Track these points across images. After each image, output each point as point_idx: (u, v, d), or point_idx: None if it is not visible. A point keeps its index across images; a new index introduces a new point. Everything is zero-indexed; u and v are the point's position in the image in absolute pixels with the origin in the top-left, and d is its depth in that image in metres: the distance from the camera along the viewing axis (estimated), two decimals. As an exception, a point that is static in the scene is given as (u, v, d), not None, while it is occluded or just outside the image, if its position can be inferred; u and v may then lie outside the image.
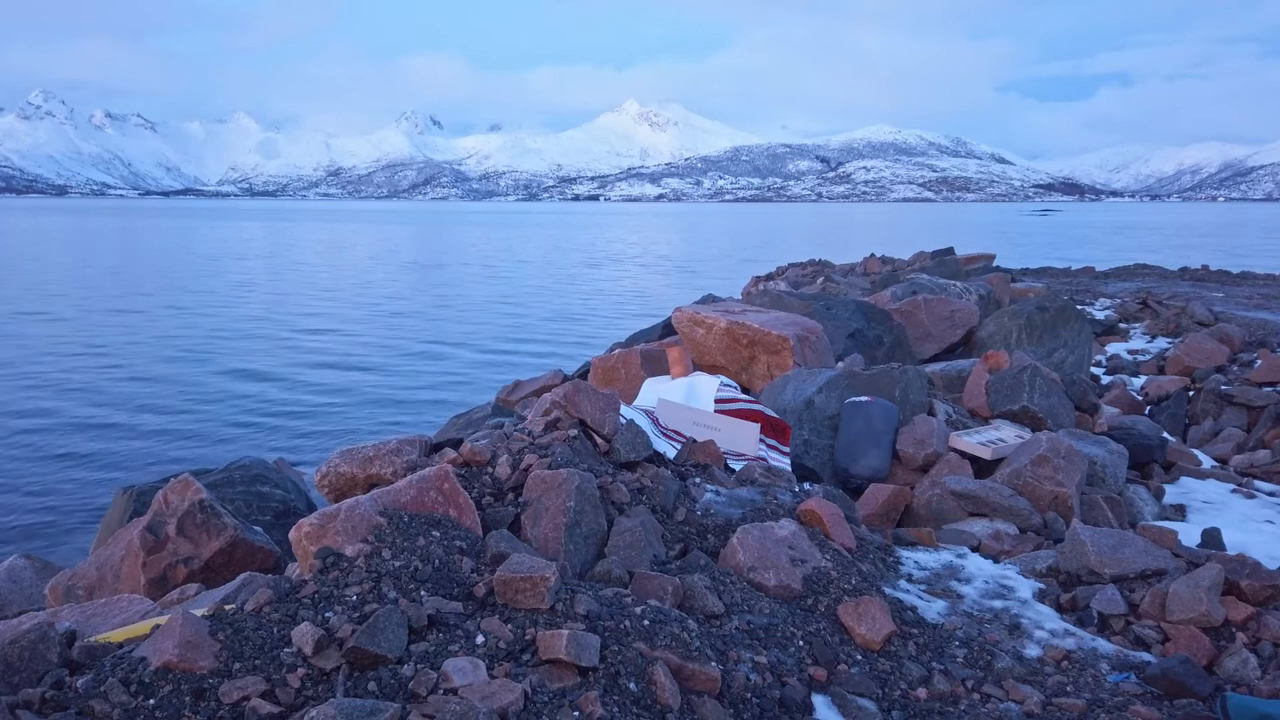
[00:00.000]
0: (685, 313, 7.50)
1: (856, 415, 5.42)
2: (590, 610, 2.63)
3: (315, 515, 2.93)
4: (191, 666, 2.31)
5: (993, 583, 3.78)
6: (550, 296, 32.94)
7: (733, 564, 3.38)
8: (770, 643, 2.95)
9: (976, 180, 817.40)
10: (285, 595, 2.60)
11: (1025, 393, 5.97)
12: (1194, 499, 5.59)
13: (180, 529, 4.28)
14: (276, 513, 5.66)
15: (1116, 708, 2.84)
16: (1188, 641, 3.21)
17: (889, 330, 8.71)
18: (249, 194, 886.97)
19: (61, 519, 9.99)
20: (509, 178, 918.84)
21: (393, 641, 2.38)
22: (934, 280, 12.01)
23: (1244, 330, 11.32)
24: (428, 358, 20.21)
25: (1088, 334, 9.10)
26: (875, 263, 21.26)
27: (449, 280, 39.90)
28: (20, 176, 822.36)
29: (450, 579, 2.77)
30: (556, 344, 22.13)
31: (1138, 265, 25.62)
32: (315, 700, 2.25)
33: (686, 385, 5.47)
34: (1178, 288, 18.72)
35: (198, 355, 19.88)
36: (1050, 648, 3.26)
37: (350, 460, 3.95)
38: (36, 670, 2.42)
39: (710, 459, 4.40)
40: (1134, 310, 14.65)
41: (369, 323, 25.69)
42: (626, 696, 2.41)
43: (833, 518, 3.76)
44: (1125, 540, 3.79)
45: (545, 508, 3.31)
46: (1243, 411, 7.90)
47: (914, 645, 3.20)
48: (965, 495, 4.66)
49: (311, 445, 12.81)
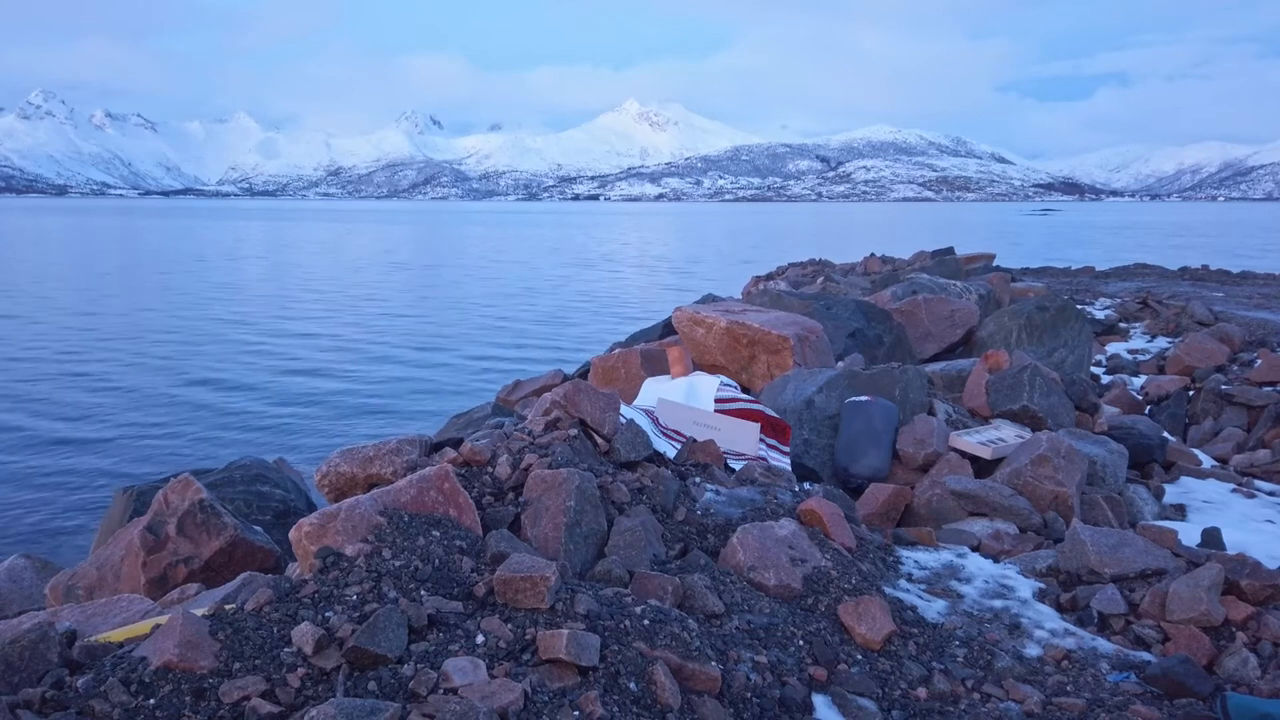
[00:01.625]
0: (685, 312, 7.50)
1: (856, 415, 5.42)
2: (590, 610, 2.63)
3: (315, 515, 2.93)
4: (192, 666, 2.31)
5: (993, 582, 3.78)
6: (550, 296, 32.95)
7: (733, 564, 3.38)
8: (770, 642, 2.95)
9: (976, 180, 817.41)
10: (285, 595, 2.60)
11: (1025, 392, 5.97)
12: (1194, 499, 5.59)
13: (180, 529, 4.28)
14: (276, 512, 5.66)
15: (1116, 707, 2.84)
16: (1188, 641, 3.21)
17: (889, 330, 8.71)
18: (249, 194, 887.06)
19: (61, 519, 9.99)
20: (509, 177, 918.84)
21: (393, 641, 2.38)
22: (934, 280, 12.01)
23: (1244, 330, 11.32)
24: (428, 357, 20.22)
25: (1088, 334, 9.10)
26: (875, 262, 21.26)
27: (449, 280, 39.90)
28: (20, 176, 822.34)
29: (450, 579, 2.77)
30: (556, 344, 22.13)
31: (1138, 265, 25.63)
32: (315, 700, 2.25)
33: (686, 385, 5.47)
34: (1178, 287, 18.72)
35: (198, 355, 19.89)
36: (1050, 647, 3.26)
37: (350, 460, 3.95)
38: (37, 670, 2.42)
39: (710, 459, 4.40)
40: (1134, 310, 14.65)
41: (369, 323, 25.69)
42: (626, 696, 2.41)
43: (833, 517, 3.76)
44: (1125, 540, 3.79)
45: (545, 507, 3.31)
46: (1243, 411, 7.90)
47: (914, 645, 3.20)
48: (965, 495, 4.66)
49: (311, 445, 12.82)
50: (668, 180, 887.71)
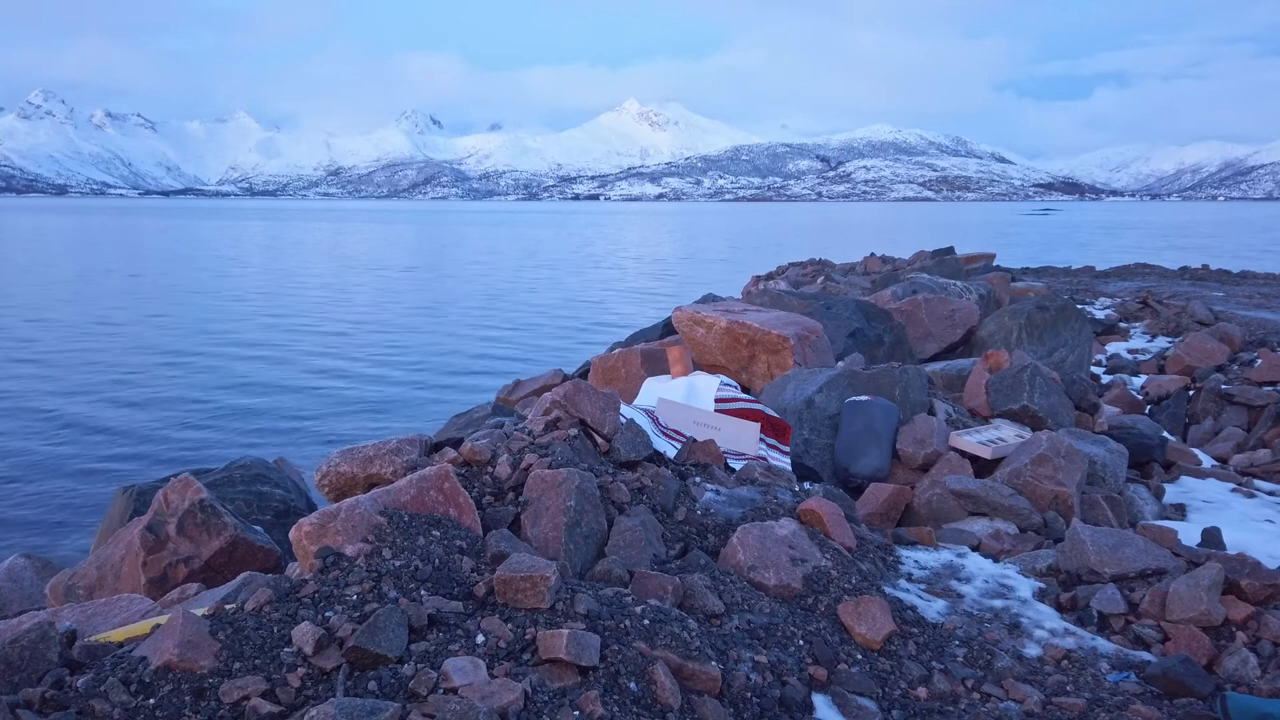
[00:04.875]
0: (685, 312, 7.50)
1: (857, 415, 5.42)
2: (590, 610, 2.63)
3: (315, 515, 2.93)
4: (192, 666, 2.31)
5: (993, 582, 3.78)
6: (550, 296, 32.94)
7: (733, 563, 3.38)
8: (770, 642, 2.95)
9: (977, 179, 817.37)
10: (285, 595, 2.60)
11: (1025, 392, 5.97)
12: (1194, 498, 5.60)
13: (180, 528, 4.28)
14: (277, 512, 5.66)
15: (1116, 707, 2.84)
16: (1188, 641, 3.21)
17: (889, 330, 8.71)
18: (249, 193, 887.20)
19: (61, 519, 10.00)
20: (509, 177, 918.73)
21: (393, 641, 2.38)
22: (934, 280, 12.00)
23: (1244, 329, 11.32)
24: (428, 357, 20.22)
25: (1088, 333, 9.10)
26: (875, 262, 21.27)
27: (449, 280, 39.90)
28: (20, 176, 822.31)
29: (450, 578, 2.77)
30: (556, 344, 22.13)
31: (1138, 265, 25.63)
32: (315, 700, 2.25)
33: (686, 385, 5.47)
34: (1178, 287, 18.72)
35: (198, 355, 19.88)
36: (1050, 647, 3.26)
37: (350, 460, 3.95)
38: (37, 670, 2.42)
39: (710, 458, 4.40)
40: (1134, 309, 14.65)
41: (369, 323, 25.69)
42: (627, 696, 2.41)
43: (833, 517, 3.76)
44: (1125, 539, 3.79)
45: (545, 507, 3.31)
46: (1243, 411, 7.90)
47: (914, 644, 3.20)
48: (965, 495, 4.66)
49: (311, 445, 12.81)
50: (668, 180, 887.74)
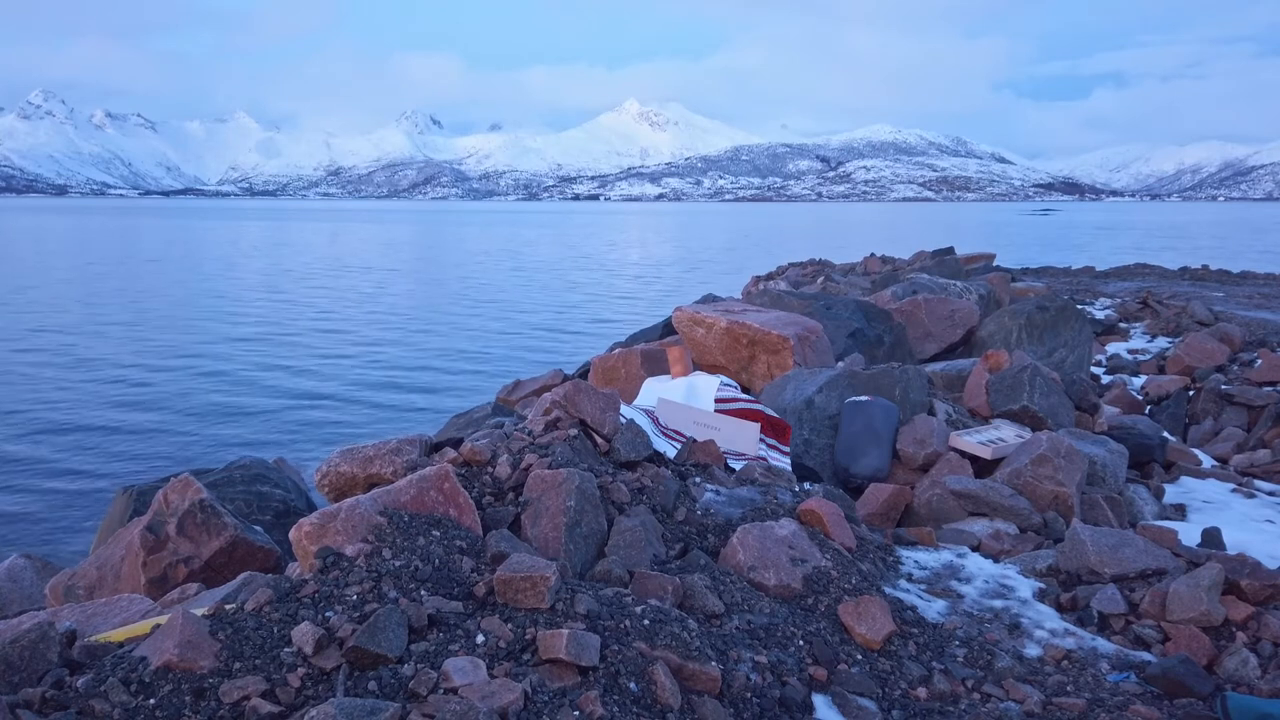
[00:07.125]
0: (685, 312, 7.50)
1: (857, 415, 5.42)
2: (590, 610, 2.63)
3: (315, 515, 2.93)
4: (192, 666, 2.31)
5: (993, 582, 3.78)
6: (550, 296, 32.95)
7: (733, 563, 3.38)
8: (770, 642, 2.95)
9: (977, 180, 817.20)
10: (285, 595, 2.60)
11: (1025, 392, 5.97)
12: (1194, 498, 5.60)
13: (180, 528, 4.28)
14: (277, 512, 5.67)
15: (1116, 707, 2.84)
16: (1188, 641, 3.21)
17: (889, 330, 8.71)
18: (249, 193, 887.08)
19: (61, 519, 10.00)
20: (509, 177, 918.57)
21: (393, 641, 2.38)
22: (934, 280, 12.00)
23: (1244, 330, 11.32)
24: (428, 358, 20.22)
25: (1088, 333, 9.10)
26: (875, 262, 21.27)
27: (449, 280, 39.90)
28: (20, 176, 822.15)
29: (450, 578, 2.77)
30: (556, 344, 22.14)
31: (1138, 265, 25.64)
32: (315, 700, 2.25)
33: (686, 385, 5.47)
34: (1178, 287, 18.72)
35: (198, 355, 19.89)
36: (1050, 647, 3.26)
37: (350, 460, 3.95)
38: (37, 670, 2.42)
39: (710, 459, 4.40)
40: (1134, 310, 14.65)
41: (369, 323, 25.69)
42: (627, 696, 2.41)
43: (833, 517, 3.76)
44: (1125, 540, 3.79)
45: (545, 507, 3.31)
46: (1243, 411, 7.90)
47: (914, 645, 3.20)
48: (965, 495, 4.66)
49: (311, 445, 12.81)
50: (668, 180, 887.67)
